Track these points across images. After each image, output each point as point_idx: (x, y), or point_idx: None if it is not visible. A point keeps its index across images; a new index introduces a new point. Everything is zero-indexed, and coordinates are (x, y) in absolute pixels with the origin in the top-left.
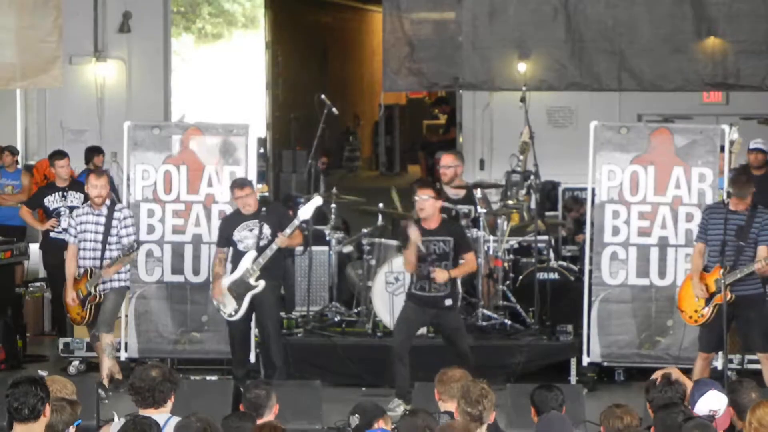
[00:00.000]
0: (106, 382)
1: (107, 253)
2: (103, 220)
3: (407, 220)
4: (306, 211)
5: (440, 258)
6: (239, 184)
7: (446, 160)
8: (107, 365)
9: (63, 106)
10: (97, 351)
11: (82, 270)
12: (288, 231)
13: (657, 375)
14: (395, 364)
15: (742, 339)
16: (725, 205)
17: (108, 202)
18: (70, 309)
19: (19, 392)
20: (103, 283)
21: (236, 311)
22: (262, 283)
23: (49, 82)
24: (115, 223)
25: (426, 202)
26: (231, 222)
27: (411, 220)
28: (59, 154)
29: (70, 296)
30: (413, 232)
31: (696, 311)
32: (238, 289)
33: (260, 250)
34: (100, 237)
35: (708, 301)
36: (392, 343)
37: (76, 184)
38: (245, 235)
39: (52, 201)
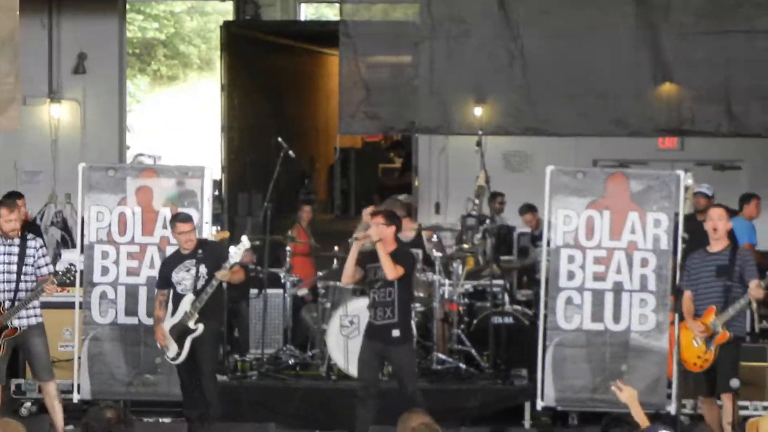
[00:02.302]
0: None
1: (22, 285)
2: (15, 250)
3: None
4: (236, 255)
5: (385, 284)
6: (183, 218)
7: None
8: (60, 410)
9: (17, 147)
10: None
11: None
12: (227, 269)
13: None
14: (357, 408)
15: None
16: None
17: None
18: None
19: None
20: (19, 318)
21: (178, 355)
22: (200, 327)
23: (5, 125)
24: (30, 252)
25: (377, 228)
26: (170, 263)
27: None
28: (16, 196)
29: None
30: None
31: (699, 357)
32: (178, 333)
33: (197, 292)
34: (14, 268)
35: (708, 343)
36: (356, 386)
37: (30, 226)
38: (183, 276)
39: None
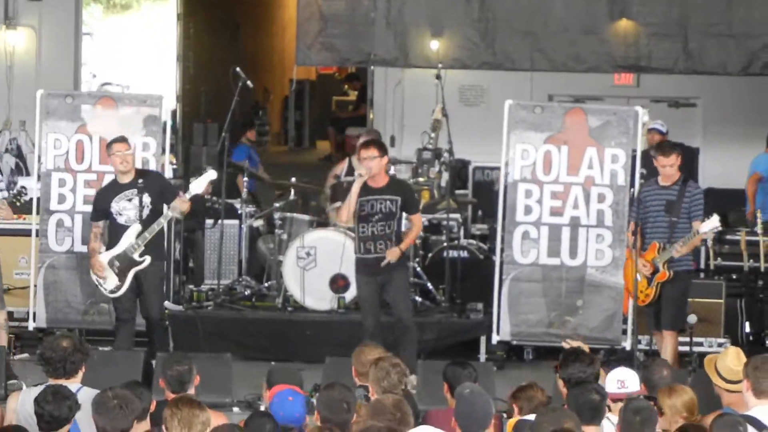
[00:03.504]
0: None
1: None
2: None
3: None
4: (198, 185)
5: (386, 217)
6: (120, 139)
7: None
8: (4, 341)
9: None
10: None
11: None
12: (186, 198)
13: (570, 344)
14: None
15: (654, 313)
16: (656, 182)
17: None
18: None
19: None
20: None
21: (119, 288)
22: (147, 259)
23: None
24: None
25: (372, 161)
26: (107, 193)
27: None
28: None
29: None
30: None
31: (641, 291)
32: (121, 265)
33: (144, 222)
34: None
35: (650, 281)
36: (363, 325)
37: None
38: (124, 206)
39: None
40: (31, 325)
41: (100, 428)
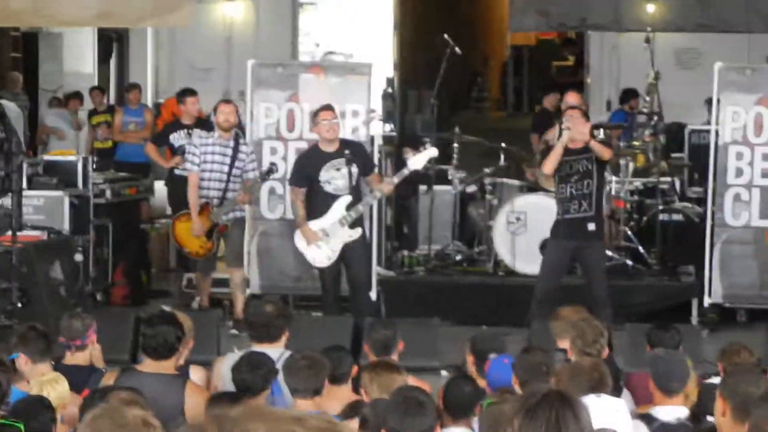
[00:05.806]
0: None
1: (231, 185)
2: (229, 152)
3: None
4: (417, 162)
5: (583, 176)
6: (327, 107)
7: (573, 99)
8: (241, 299)
9: (192, 45)
10: (200, 286)
11: (203, 201)
12: (396, 180)
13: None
14: (533, 306)
15: None
16: None
17: (232, 133)
18: (190, 242)
19: (158, 331)
20: (226, 214)
21: (330, 259)
22: (358, 230)
23: (176, 22)
24: (242, 156)
25: (574, 120)
26: (314, 160)
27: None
28: (190, 92)
29: (198, 226)
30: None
31: None
32: (332, 236)
33: (353, 193)
34: (226, 168)
35: None
36: (535, 288)
37: (202, 123)
38: (333, 175)
39: (176, 138)
40: (246, 292)
41: (292, 389)
